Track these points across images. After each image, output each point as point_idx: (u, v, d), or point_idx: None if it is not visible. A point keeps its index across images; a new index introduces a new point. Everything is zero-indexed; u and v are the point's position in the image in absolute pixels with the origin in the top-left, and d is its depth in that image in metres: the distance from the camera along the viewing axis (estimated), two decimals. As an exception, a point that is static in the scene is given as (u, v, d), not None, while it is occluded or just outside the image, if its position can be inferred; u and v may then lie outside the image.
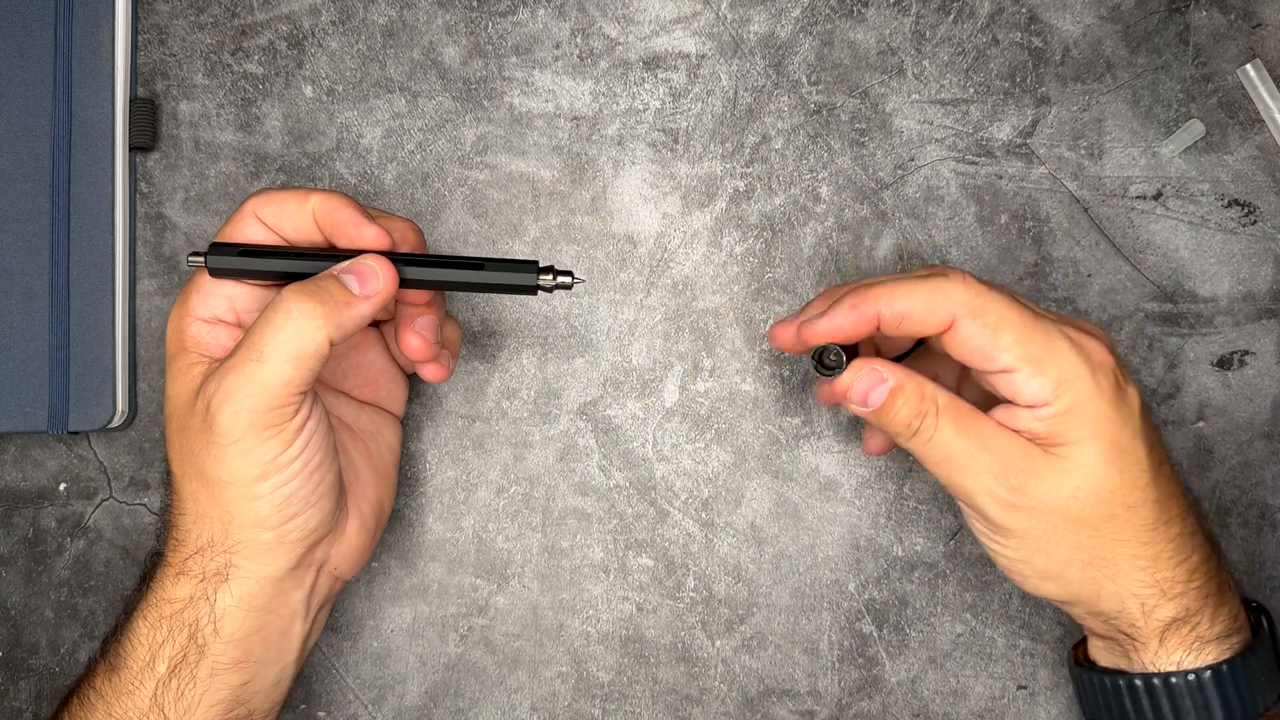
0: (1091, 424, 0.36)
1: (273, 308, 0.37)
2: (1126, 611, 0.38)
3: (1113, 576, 0.38)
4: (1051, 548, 0.37)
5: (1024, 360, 0.36)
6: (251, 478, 0.37)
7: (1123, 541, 0.37)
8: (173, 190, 0.49)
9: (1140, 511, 0.37)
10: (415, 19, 0.49)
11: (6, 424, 0.46)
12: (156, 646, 0.38)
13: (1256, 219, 0.48)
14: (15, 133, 0.47)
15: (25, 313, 0.46)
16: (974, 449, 0.37)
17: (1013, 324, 0.36)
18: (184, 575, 0.39)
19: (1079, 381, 0.36)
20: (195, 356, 0.39)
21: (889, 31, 0.48)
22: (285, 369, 0.36)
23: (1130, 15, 0.48)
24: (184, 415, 0.38)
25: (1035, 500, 0.37)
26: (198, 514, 0.38)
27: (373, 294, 0.38)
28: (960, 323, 0.36)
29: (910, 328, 0.37)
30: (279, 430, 0.37)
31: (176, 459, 0.39)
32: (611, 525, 0.49)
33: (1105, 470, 0.36)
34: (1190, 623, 0.38)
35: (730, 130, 0.48)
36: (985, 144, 0.48)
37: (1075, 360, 0.36)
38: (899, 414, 0.37)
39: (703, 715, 0.48)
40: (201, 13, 0.49)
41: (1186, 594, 0.38)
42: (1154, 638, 0.38)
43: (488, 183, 0.49)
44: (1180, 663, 0.38)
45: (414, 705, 0.48)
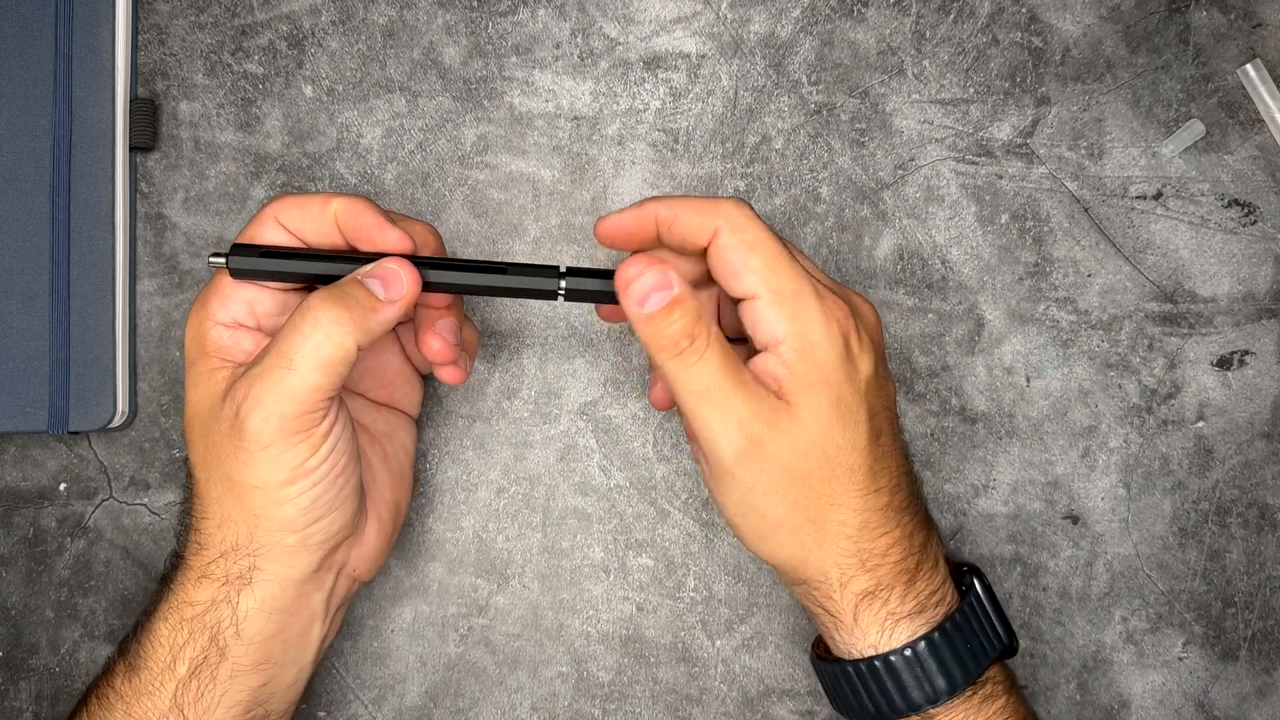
0: (820, 372, 0.37)
1: (300, 314, 0.37)
2: (828, 581, 0.39)
3: (820, 542, 0.38)
4: (769, 505, 0.38)
5: (767, 288, 0.37)
6: (279, 482, 0.37)
7: (835, 506, 0.38)
8: (173, 190, 0.49)
9: (856, 476, 0.38)
10: (415, 19, 0.49)
11: (6, 424, 0.46)
12: (177, 648, 0.38)
13: (1256, 219, 0.48)
14: (15, 133, 0.46)
15: (25, 313, 0.46)
16: (732, 387, 0.36)
17: (766, 251, 0.37)
18: (206, 579, 0.39)
19: (814, 325, 0.37)
20: (217, 361, 0.39)
21: (889, 31, 0.48)
22: (315, 375, 0.36)
23: (1130, 15, 0.48)
24: (209, 420, 0.38)
25: (768, 451, 0.37)
26: (222, 518, 0.38)
27: (397, 298, 0.38)
28: (721, 233, 0.37)
29: (680, 231, 0.38)
30: (307, 435, 0.37)
31: (200, 463, 0.39)
32: (612, 525, 0.49)
33: (831, 423, 0.37)
34: (881, 597, 0.38)
35: (730, 130, 0.48)
36: (985, 144, 0.48)
37: (815, 306, 0.37)
38: (672, 325, 0.36)
39: (703, 715, 0.48)
40: (201, 13, 0.49)
41: (881, 567, 0.38)
42: (848, 612, 0.39)
43: (488, 183, 0.49)
44: (877, 644, 0.38)
45: (414, 705, 0.48)
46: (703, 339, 0.36)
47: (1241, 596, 0.48)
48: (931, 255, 0.48)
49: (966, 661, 0.39)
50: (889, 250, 0.48)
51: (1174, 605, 0.48)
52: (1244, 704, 0.47)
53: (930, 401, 0.48)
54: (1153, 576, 0.48)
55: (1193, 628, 0.48)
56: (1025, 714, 0.40)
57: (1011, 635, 0.41)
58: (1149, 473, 0.48)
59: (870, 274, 0.48)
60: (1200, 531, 0.48)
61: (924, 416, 0.48)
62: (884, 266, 0.48)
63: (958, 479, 0.48)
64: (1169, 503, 0.48)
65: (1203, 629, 0.48)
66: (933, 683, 0.38)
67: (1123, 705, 0.48)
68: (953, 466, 0.48)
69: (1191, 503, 0.48)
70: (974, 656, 0.39)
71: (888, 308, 0.48)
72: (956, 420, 0.48)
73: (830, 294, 0.38)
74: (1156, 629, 0.48)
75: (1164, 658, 0.48)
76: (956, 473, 0.48)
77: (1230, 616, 0.48)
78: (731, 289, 0.38)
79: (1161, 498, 0.48)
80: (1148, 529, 0.48)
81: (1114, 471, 0.48)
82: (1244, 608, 0.48)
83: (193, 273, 0.49)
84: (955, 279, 0.48)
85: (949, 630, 0.39)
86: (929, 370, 0.48)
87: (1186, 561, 0.48)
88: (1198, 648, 0.48)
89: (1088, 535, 0.48)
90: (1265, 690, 0.47)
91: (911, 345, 0.48)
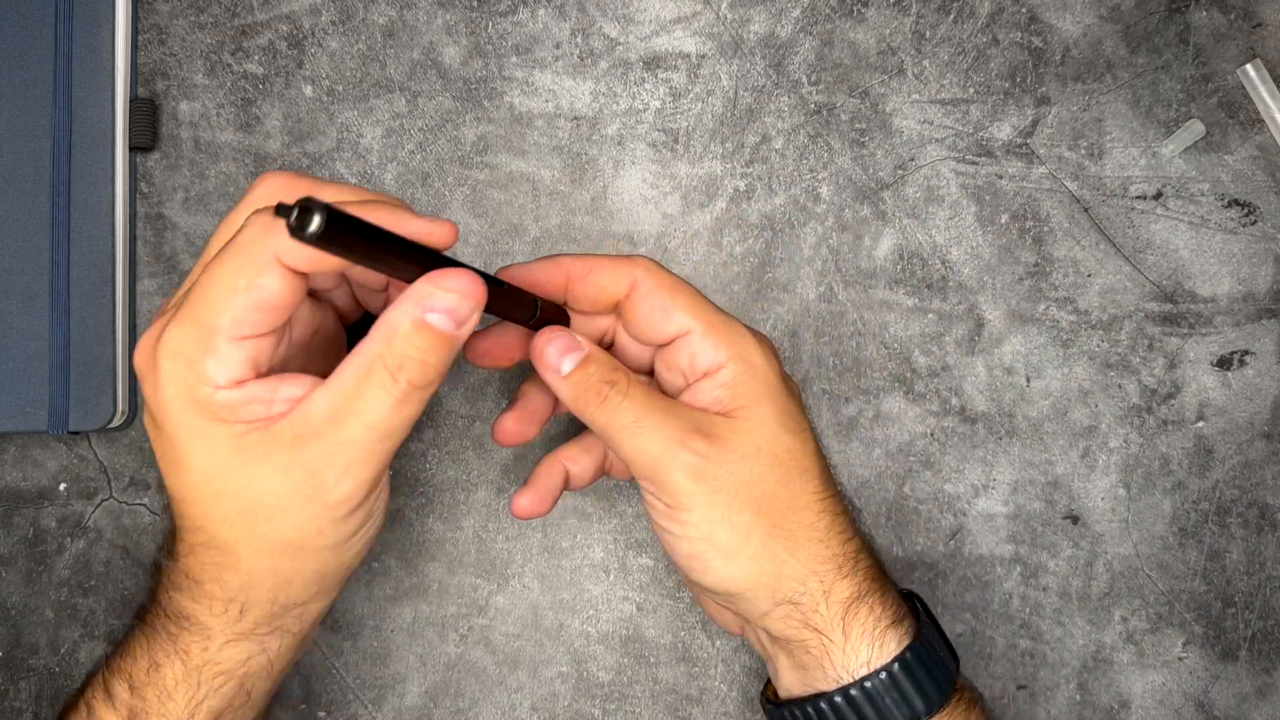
0: (765, 386, 0.38)
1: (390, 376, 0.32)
2: (809, 591, 0.37)
3: (793, 549, 0.38)
4: (733, 517, 0.37)
5: (699, 321, 0.38)
6: (350, 534, 0.36)
7: (798, 510, 0.38)
8: (173, 190, 0.49)
9: (812, 479, 0.38)
10: (415, 19, 0.49)
11: (6, 424, 0.46)
12: (196, 703, 0.36)
13: (1256, 219, 0.48)
14: (15, 133, 0.46)
15: (25, 313, 0.46)
16: (663, 411, 0.37)
17: (688, 292, 0.39)
18: (243, 639, 0.36)
19: (751, 348, 0.39)
20: (241, 427, 0.33)
21: (889, 31, 0.48)
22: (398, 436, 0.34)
23: (1130, 15, 0.48)
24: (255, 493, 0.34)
25: (718, 467, 0.37)
26: (277, 585, 0.36)
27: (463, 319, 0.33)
28: (641, 283, 0.39)
29: (596, 282, 0.39)
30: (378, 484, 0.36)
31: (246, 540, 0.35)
32: (611, 525, 0.49)
33: (780, 430, 0.38)
34: (867, 602, 0.38)
35: (730, 130, 0.48)
36: (985, 144, 0.48)
37: (747, 334, 0.39)
38: (590, 377, 0.37)
39: (703, 715, 0.48)
40: (201, 13, 0.49)
41: (858, 571, 0.38)
42: (838, 627, 0.38)
43: (488, 183, 0.49)
44: (870, 661, 0.37)
45: (414, 705, 0.48)
46: (622, 381, 0.37)
47: (1241, 596, 0.48)
48: (931, 255, 0.48)
49: (948, 664, 0.39)
50: (889, 250, 0.48)
51: (1174, 605, 0.48)
52: (1244, 704, 0.47)
53: (930, 401, 0.48)
54: (1153, 576, 0.48)
55: (1193, 628, 0.48)
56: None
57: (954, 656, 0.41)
58: (1149, 473, 0.48)
59: (870, 274, 0.48)
60: (1200, 531, 0.48)
61: (924, 416, 0.48)
62: (884, 266, 0.48)
63: (958, 479, 0.48)
64: (1169, 503, 0.48)
65: (1203, 629, 0.48)
66: (925, 691, 0.38)
67: (1123, 705, 0.48)
68: (953, 466, 0.48)
69: (1191, 503, 0.48)
70: (952, 659, 0.40)
71: (888, 308, 0.48)
72: (956, 420, 0.48)
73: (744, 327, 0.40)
74: (1156, 629, 0.48)
75: (1164, 658, 0.48)
76: (956, 473, 0.48)
77: (1230, 616, 0.48)
78: (659, 331, 0.39)
79: (1161, 498, 0.48)
80: (1148, 529, 0.48)
81: (1114, 471, 0.48)
82: (1244, 608, 0.48)
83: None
84: (955, 279, 0.48)
85: (928, 637, 0.39)
86: (929, 370, 0.48)
87: (1186, 561, 0.48)
88: (1198, 648, 0.48)
89: (1088, 535, 0.48)
90: (1265, 690, 0.47)
91: (911, 345, 0.48)
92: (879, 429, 0.48)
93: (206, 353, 0.32)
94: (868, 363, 0.48)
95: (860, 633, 0.38)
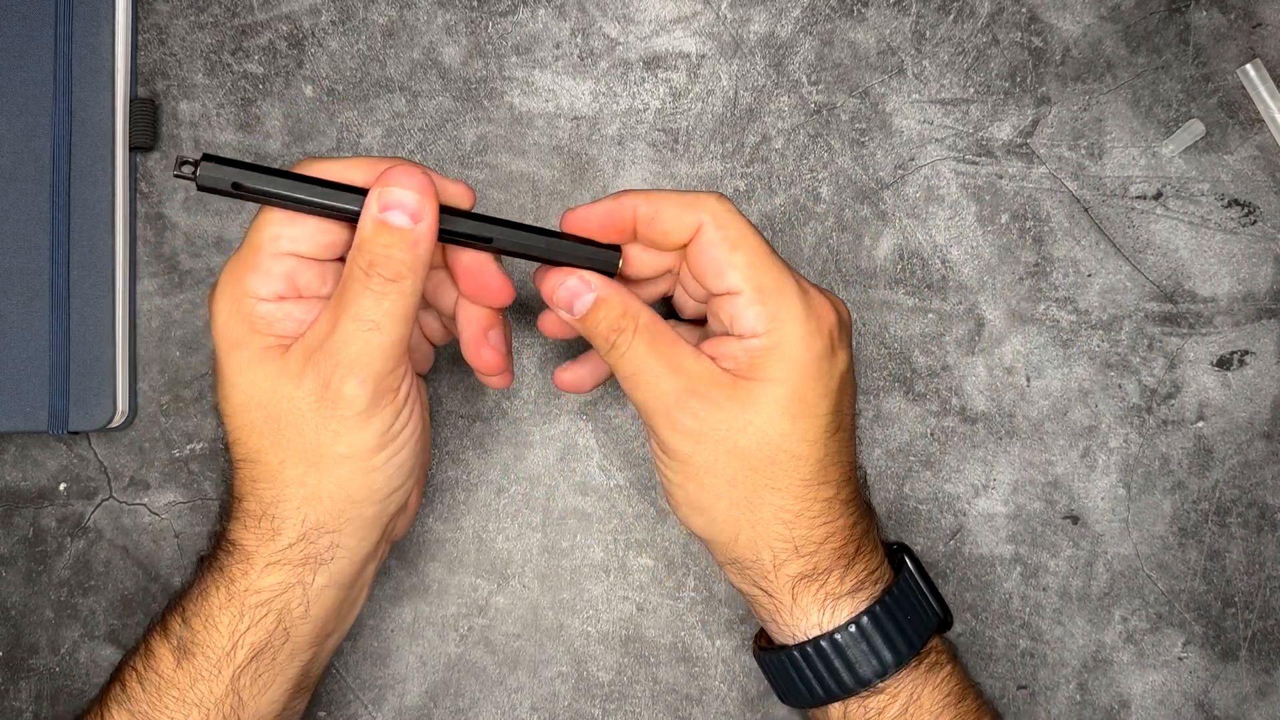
0: (788, 367, 0.37)
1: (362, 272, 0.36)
2: (760, 562, 0.39)
3: (754, 523, 0.38)
4: (707, 478, 0.38)
5: (750, 284, 0.38)
6: (370, 449, 0.37)
7: (776, 490, 0.38)
8: (173, 190, 0.49)
9: (802, 465, 0.38)
10: (415, 19, 0.49)
11: (6, 424, 0.46)
12: (239, 635, 0.38)
13: (1256, 219, 0.48)
14: (15, 133, 0.46)
15: (25, 313, 0.46)
16: (661, 369, 0.38)
17: (750, 248, 0.38)
18: (279, 564, 0.38)
19: (793, 324, 0.37)
20: (272, 339, 0.37)
21: (889, 31, 0.48)
22: (399, 329, 0.36)
23: (1130, 15, 0.48)
24: (278, 401, 0.37)
25: (707, 427, 0.38)
26: (305, 498, 0.38)
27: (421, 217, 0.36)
28: (705, 229, 0.38)
29: (662, 227, 0.38)
30: (394, 397, 0.37)
31: (271, 447, 0.37)
32: (612, 525, 0.49)
33: (781, 414, 0.38)
34: (819, 580, 0.39)
35: (730, 130, 0.48)
36: (985, 144, 0.48)
37: (798, 304, 0.38)
38: (599, 325, 0.38)
39: (703, 715, 0.48)
40: (201, 12, 0.49)
41: (819, 553, 0.39)
42: (785, 591, 0.39)
43: (488, 182, 0.49)
44: (821, 624, 0.39)
45: (414, 705, 0.48)
46: (629, 330, 0.38)
47: (1241, 596, 0.48)
48: (931, 255, 0.48)
49: (909, 633, 0.39)
50: (889, 250, 0.48)
51: (1174, 605, 0.48)
52: (1244, 704, 0.47)
53: (930, 401, 0.48)
54: (1153, 576, 0.48)
55: (1193, 628, 0.48)
56: (970, 684, 0.41)
57: (945, 609, 0.42)
58: (1149, 473, 0.48)
59: (870, 274, 0.48)
60: (1200, 531, 0.48)
61: (924, 416, 0.48)
62: (884, 266, 0.48)
63: (958, 479, 0.48)
64: (1169, 503, 0.48)
65: (1203, 629, 0.48)
66: (879, 656, 0.38)
67: (1123, 705, 0.48)
68: (953, 466, 0.48)
69: (1191, 503, 0.48)
70: (915, 628, 0.39)
71: (888, 308, 0.48)
72: (956, 420, 0.48)
73: (816, 293, 0.39)
74: (1156, 629, 0.48)
75: (1164, 658, 0.48)
76: (956, 473, 0.48)
77: (1230, 616, 0.48)
78: (711, 285, 0.38)
79: (1161, 498, 0.48)
80: (1148, 529, 0.48)
81: (1114, 471, 0.48)
82: (1244, 608, 0.48)
83: (193, 273, 0.49)
84: (955, 279, 0.48)
85: (889, 604, 0.39)
86: (929, 370, 0.48)
87: (1186, 561, 0.48)
88: (1198, 648, 0.48)
89: (1088, 535, 0.48)
90: (1265, 690, 0.47)
91: (911, 345, 0.48)
92: (879, 429, 0.48)
93: (251, 269, 0.37)
94: (868, 363, 0.48)
95: (809, 600, 0.39)
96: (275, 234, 0.37)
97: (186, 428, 0.49)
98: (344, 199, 0.37)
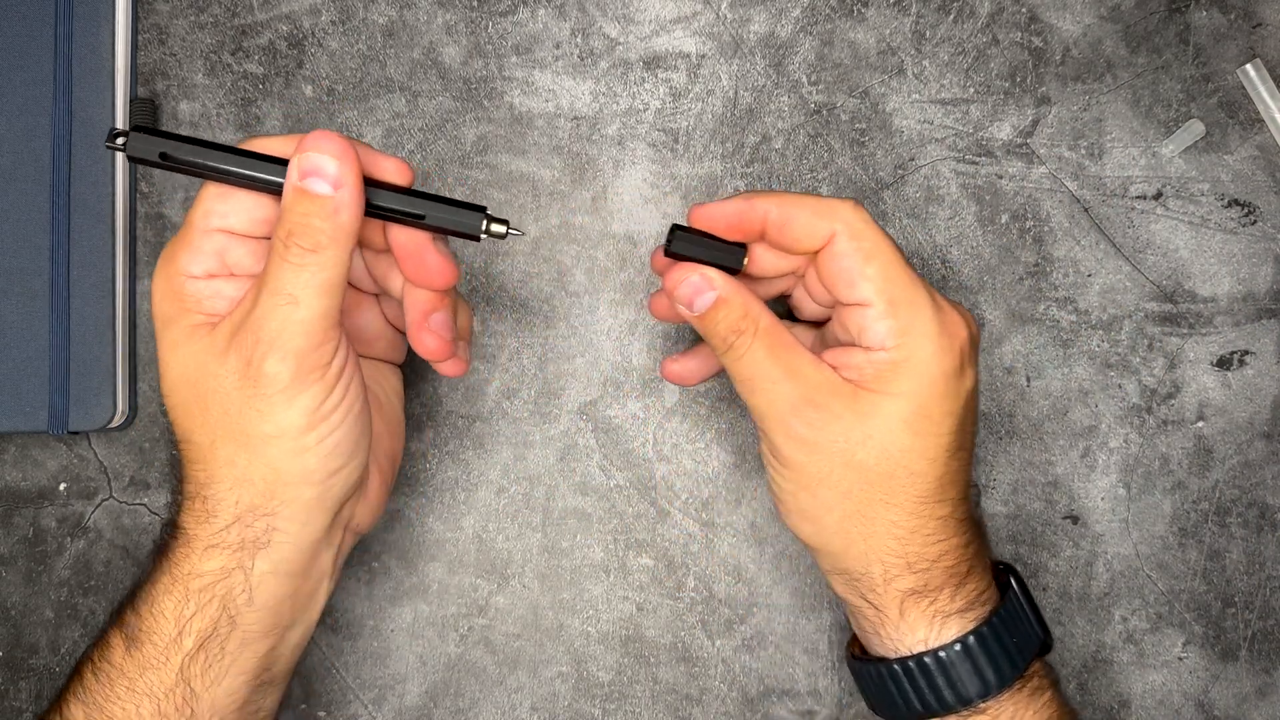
0: (915, 383, 0.37)
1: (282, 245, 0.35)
2: (869, 575, 0.38)
3: (866, 536, 0.38)
4: (820, 489, 0.38)
5: (882, 297, 0.37)
6: (299, 428, 0.36)
7: (891, 506, 0.38)
8: (173, 190, 0.49)
9: (919, 482, 0.37)
10: (415, 19, 0.49)
11: (6, 424, 0.46)
12: (184, 621, 0.37)
13: (1256, 219, 0.48)
14: (15, 133, 0.47)
15: (25, 313, 0.46)
16: (779, 376, 0.38)
17: (884, 259, 0.37)
18: (216, 548, 0.37)
19: (924, 340, 0.37)
20: (200, 317, 0.37)
21: (889, 31, 0.48)
22: (320, 302, 0.35)
23: (1130, 15, 0.48)
24: (204, 379, 0.36)
25: (824, 437, 0.37)
26: (235, 479, 0.37)
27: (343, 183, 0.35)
28: (838, 238, 0.37)
29: (793, 234, 0.38)
30: (322, 374, 0.36)
31: (200, 427, 0.37)
32: (612, 525, 0.49)
33: (903, 429, 0.37)
34: (930, 596, 0.38)
35: (730, 130, 0.49)
36: (985, 144, 0.48)
37: (930, 319, 0.37)
38: (718, 325, 0.38)
39: (703, 715, 0.48)
40: (201, 12, 0.49)
41: (931, 570, 0.38)
42: (893, 606, 0.38)
43: (488, 183, 0.49)
44: (927, 640, 0.38)
45: (414, 705, 0.48)
46: (749, 333, 0.38)
47: (1241, 596, 0.48)
48: (931, 255, 0.48)
49: (1014, 654, 0.38)
50: (889, 250, 0.48)
51: (1174, 605, 0.48)
52: (1244, 704, 0.47)
53: (930, 401, 0.48)
54: (1153, 576, 0.48)
55: (1193, 628, 0.48)
56: (1069, 710, 0.40)
57: (1046, 631, 0.41)
58: (1149, 473, 0.48)
59: (870, 274, 0.48)
60: (1200, 531, 0.48)
61: (924, 416, 0.48)
62: (884, 266, 0.48)
63: (958, 479, 0.48)
64: (1169, 503, 0.48)
65: (1203, 629, 0.48)
66: (983, 676, 0.38)
67: (1123, 705, 0.48)
68: (953, 466, 0.48)
69: (1191, 503, 0.48)
70: (1020, 650, 0.39)
71: (888, 308, 0.48)
72: (956, 420, 0.48)
73: (950, 308, 0.38)
74: (1156, 629, 0.48)
75: (1164, 658, 0.48)
76: (956, 473, 0.48)
77: (1230, 616, 0.48)
78: (841, 295, 0.38)
79: (1161, 498, 0.48)
80: (1148, 529, 0.48)
81: (1114, 471, 0.48)
82: (1244, 608, 0.48)
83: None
84: (955, 279, 0.48)
85: (996, 625, 0.38)
86: (929, 370, 0.48)
87: (1186, 561, 0.48)
88: (1198, 648, 0.48)
89: (1088, 535, 0.48)
90: (1265, 690, 0.47)
91: (911, 345, 0.48)
92: (879, 429, 0.48)
93: (184, 247, 0.37)
94: (868, 363, 0.48)
95: (918, 616, 0.38)
96: (207, 209, 0.37)
97: (186, 428, 0.49)
98: (272, 170, 0.36)
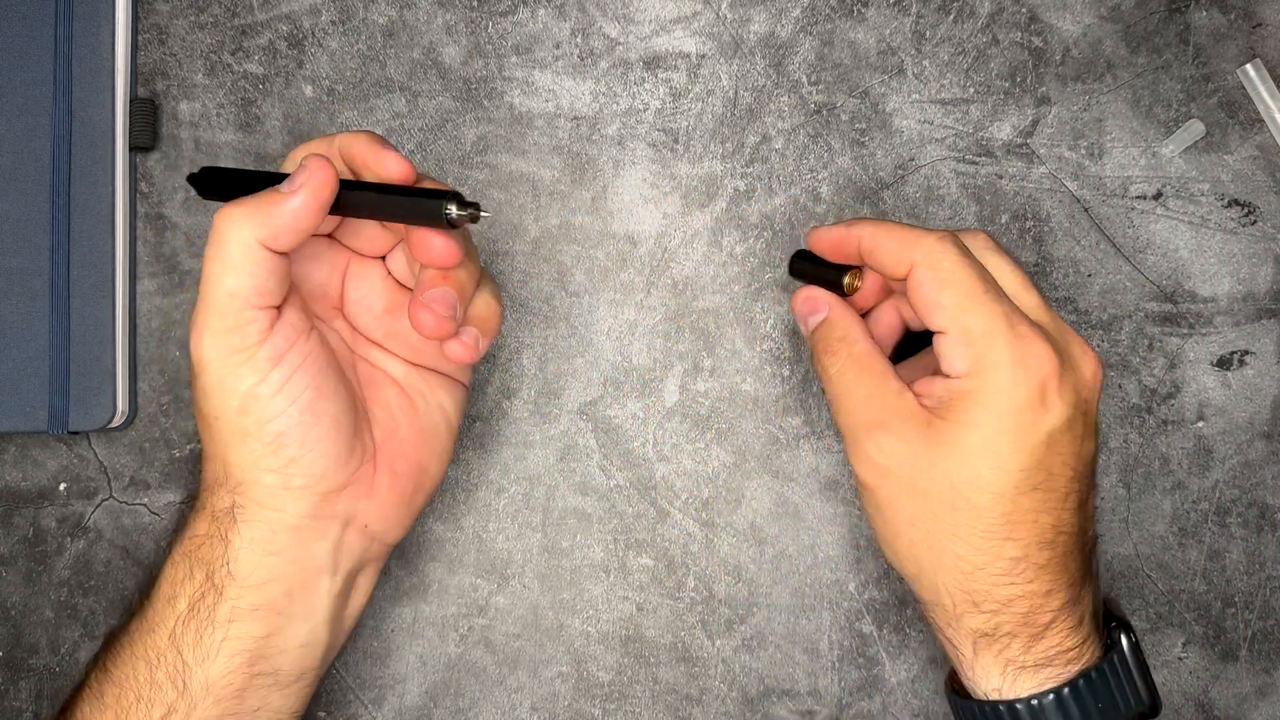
0: (984, 413, 0.37)
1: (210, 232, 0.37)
2: (940, 604, 0.39)
3: (935, 567, 0.38)
4: (889, 513, 0.39)
5: (956, 325, 0.37)
6: (234, 409, 0.37)
7: (955, 538, 0.38)
8: (173, 190, 0.49)
9: (982, 516, 0.37)
10: (415, 19, 0.49)
11: (6, 424, 0.46)
12: (178, 583, 0.38)
13: (1256, 219, 0.48)
14: (15, 133, 0.47)
15: (25, 313, 0.46)
16: (862, 397, 0.40)
17: (961, 289, 0.37)
18: (203, 512, 0.39)
19: (998, 371, 0.37)
20: None
21: (889, 31, 0.48)
22: (228, 280, 0.36)
23: (1130, 15, 0.48)
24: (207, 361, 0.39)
25: (892, 462, 0.38)
26: (208, 454, 0.39)
27: (299, 186, 0.36)
28: (917, 269, 0.38)
29: (880, 261, 0.40)
30: (247, 355, 0.36)
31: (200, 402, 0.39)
32: (611, 525, 0.49)
33: (966, 461, 0.37)
34: (1002, 643, 0.38)
35: (730, 130, 0.48)
36: (985, 144, 0.48)
37: (1006, 351, 0.37)
38: (818, 341, 0.42)
39: (703, 715, 0.48)
40: (201, 13, 0.49)
41: (1001, 614, 0.37)
42: (967, 644, 0.39)
43: (488, 183, 0.49)
44: (1001, 689, 0.38)
45: (414, 705, 0.48)
46: (841, 355, 0.41)
47: (1241, 596, 0.48)
48: (931, 255, 0.48)
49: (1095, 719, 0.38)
50: (889, 250, 0.48)
51: (1174, 605, 0.48)
52: (1244, 704, 0.47)
53: (930, 401, 0.48)
54: (1153, 576, 0.48)
55: (1193, 628, 0.48)
56: None
57: (1155, 697, 0.40)
58: (1149, 473, 0.48)
59: (870, 274, 0.48)
60: (1200, 531, 0.48)
61: (924, 416, 0.48)
62: (884, 266, 0.48)
63: (958, 479, 0.48)
64: (1169, 503, 0.48)
65: (1203, 629, 0.48)
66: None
67: (1123, 705, 0.48)
68: (953, 466, 0.48)
69: (1191, 503, 0.48)
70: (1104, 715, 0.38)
71: (888, 308, 0.48)
72: (956, 420, 0.48)
73: (1035, 337, 0.37)
74: (1156, 629, 0.48)
75: (1164, 658, 0.48)
76: (956, 473, 0.48)
77: (1230, 616, 0.48)
78: (925, 322, 0.39)
79: (1161, 498, 0.48)
80: (1148, 529, 0.48)
81: (1114, 471, 0.48)
82: (1244, 608, 0.48)
83: (193, 273, 0.49)
84: (955, 279, 0.48)
85: (1080, 688, 0.37)
86: (929, 370, 0.48)
87: (1186, 561, 0.48)
88: (1198, 648, 0.48)
89: (1088, 535, 0.48)
90: (1265, 690, 0.47)
91: (911, 345, 0.48)
92: (879, 429, 0.48)
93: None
94: (868, 363, 0.48)
95: (990, 661, 0.38)
96: None
97: (186, 428, 0.49)
98: None
